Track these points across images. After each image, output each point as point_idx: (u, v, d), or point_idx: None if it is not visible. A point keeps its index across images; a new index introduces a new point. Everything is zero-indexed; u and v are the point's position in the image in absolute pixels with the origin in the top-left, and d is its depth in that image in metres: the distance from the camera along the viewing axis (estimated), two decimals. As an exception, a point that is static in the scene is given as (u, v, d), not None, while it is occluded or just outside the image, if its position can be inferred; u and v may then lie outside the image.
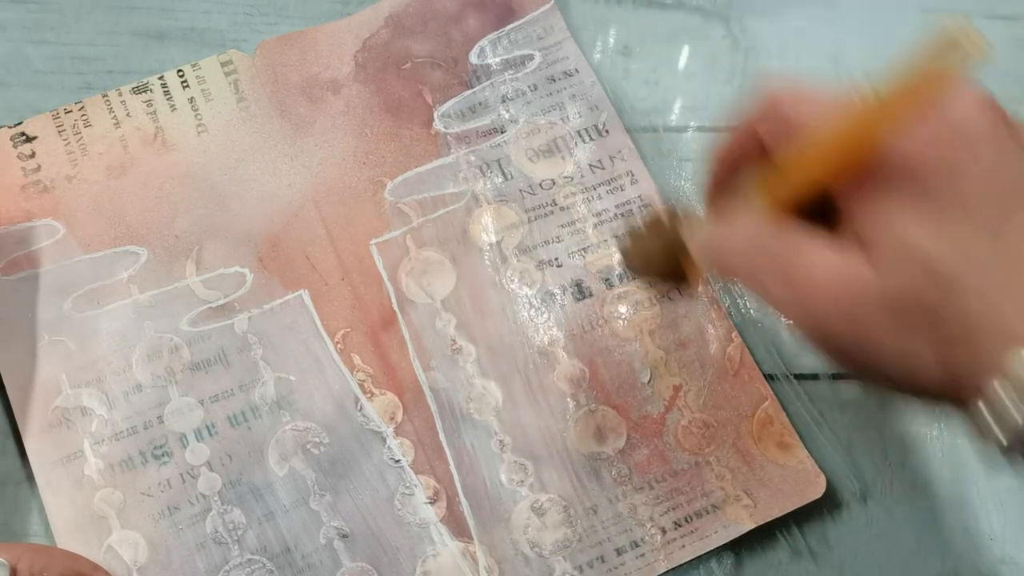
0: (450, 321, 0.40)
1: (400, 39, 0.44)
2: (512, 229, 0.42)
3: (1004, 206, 0.25)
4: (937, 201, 0.26)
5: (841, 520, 0.39)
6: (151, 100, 0.42)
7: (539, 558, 0.38)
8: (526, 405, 0.39)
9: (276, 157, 0.42)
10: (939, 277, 0.25)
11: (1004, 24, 0.49)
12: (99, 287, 0.40)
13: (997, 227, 0.25)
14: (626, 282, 0.41)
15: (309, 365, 0.39)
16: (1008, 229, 0.25)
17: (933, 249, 0.25)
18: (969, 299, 0.25)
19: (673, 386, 0.40)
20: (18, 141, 0.41)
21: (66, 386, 0.38)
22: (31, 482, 0.37)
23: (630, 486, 0.39)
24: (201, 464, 0.38)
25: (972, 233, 0.25)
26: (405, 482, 0.38)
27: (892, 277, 0.25)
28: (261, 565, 0.37)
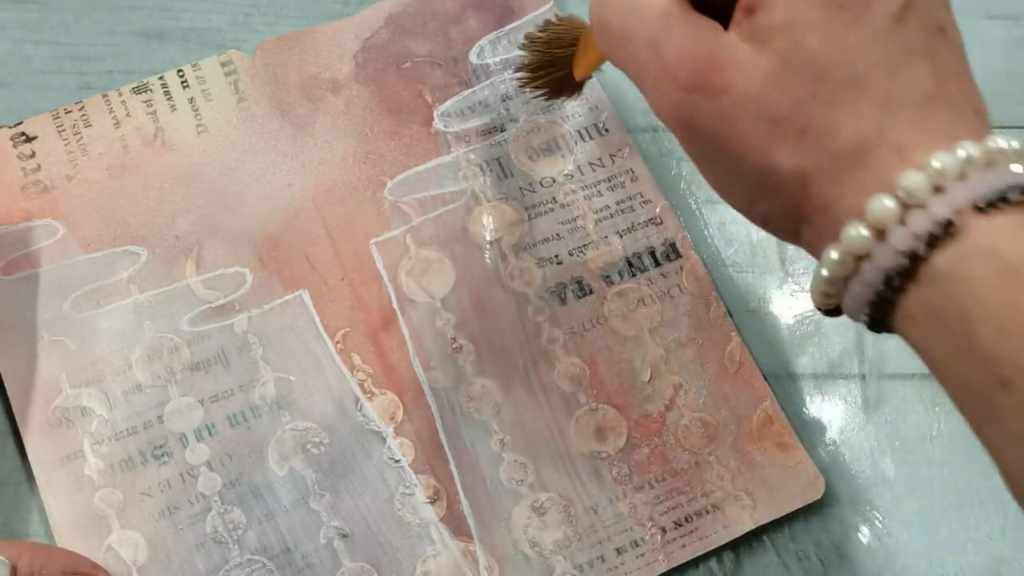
0: (450, 320, 0.40)
1: (400, 39, 0.44)
2: (512, 227, 0.42)
3: (910, 24, 0.24)
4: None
5: (841, 520, 0.39)
6: (151, 100, 0.42)
7: (539, 557, 0.38)
8: (526, 404, 0.39)
9: (276, 157, 0.42)
10: (819, 85, 0.23)
11: (1004, 24, 0.49)
12: (99, 287, 0.40)
13: (891, 46, 0.24)
14: (627, 279, 0.41)
15: (309, 365, 0.39)
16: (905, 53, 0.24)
17: (820, 51, 0.24)
18: (845, 125, 0.23)
19: (673, 385, 0.40)
20: (18, 141, 0.41)
21: (66, 386, 0.38)
22: (31, 482, 0.37)
23: (630, 485, 0.39)
24: (201, 464, 0.38)
25: (863, 44, 0.24)
26: (405, 482, 0.38)
27: (770, 68, 0.24)
28: (261, 565, 0.37)
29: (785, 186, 0.24)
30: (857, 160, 0.23)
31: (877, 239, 0.23)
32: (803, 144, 0.24)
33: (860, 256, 0.23)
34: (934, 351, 0.23)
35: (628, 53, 0.27)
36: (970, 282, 0.21)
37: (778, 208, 0.25)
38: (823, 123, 0.23)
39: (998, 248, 0.21)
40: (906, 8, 0.24)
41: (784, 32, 0.24)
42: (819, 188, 0.24)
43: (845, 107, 0.23)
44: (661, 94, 0.26)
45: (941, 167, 0.22)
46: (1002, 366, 0.21)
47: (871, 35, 0.23)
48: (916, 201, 0.22)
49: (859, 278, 0.23)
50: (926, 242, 0.22)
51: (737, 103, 0.24)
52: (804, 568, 0.39)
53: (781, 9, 0.24)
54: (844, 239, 0.23)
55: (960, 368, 0.22)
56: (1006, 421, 0.21)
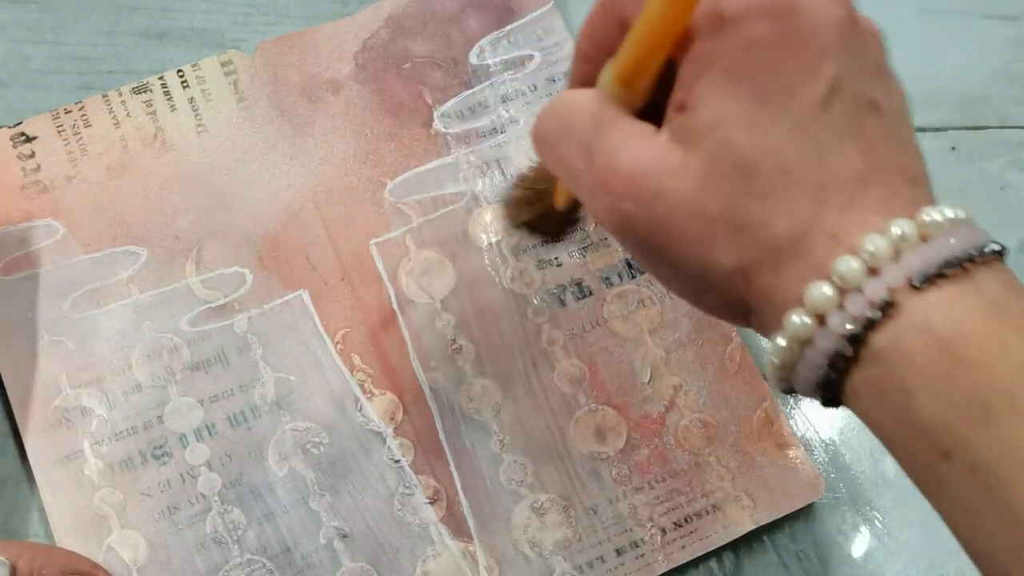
0: (450, 321, 0.40)
1: (400, 39, 0.44)
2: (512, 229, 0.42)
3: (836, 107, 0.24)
4: (759, 82, 0.24)
5: (841, 520, 0.39)
6: (151, 100, 0.42)
7: (539, 558, 0.38)
8: (526, 405, 0.39)
9: (276, 157, 0.42)
10: (749, 182, 0.24)
11: (1004, 24, 0.49)
12: (99, 287, 0.40)
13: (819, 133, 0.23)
14: (627, 281, 0.42)
15: (309, 365, 0.39)
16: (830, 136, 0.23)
17: (748, 147, 0.24)
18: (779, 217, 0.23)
19: (673, 386, 0.40)
20: (18, 141, 0.41)
21: (66, 386, 0.38)
22: (31, 482, 0.37)
23: (630, 486, 0.39)
24: (201, 464, 0.38)
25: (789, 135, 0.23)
26: (405, 482, 0.38)
27: (700, 169, 0.24)
28: (261, 565, 0.37)
29: (727, 281, 0.25)
30: (794, 250, 0.23)
31: (819, 324, 0.23)
32: (740, 240, 0.24)
33: (804, 341, 0.24)
34: (881, 425, 0.23)
35: (562, 159, 0.27)
36: (907, 358, 0.22)
37: (724, 301, 0.26)
38: (758, 218, 0.24)
39: (932, 323, 0.22)
40: (831, 92, 0.24)
41: (711, 132, 0.24)
42: (760, 280, 0.24)
43: (778, 200, 0.24)
44: (596, 201, 0.26)
45: (874, 249, 0.23)
46: (942, 438, 0.22)
47: (797, 125, 0.23)
48: (851, 285, 0.23)
49: (804, 362, 0.24)
50: (863, 324, 0.22)
51: (671, 208, 0.24)
52: (804, 568, 0.39)
53: (707, 110, 0.24)
54: (787, 326, 0.23)
55: (905, 441, 0.23)
56: (950, 490, 0.22)
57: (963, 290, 0.22)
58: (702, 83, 0.24)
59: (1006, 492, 0.21)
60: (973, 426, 0.21)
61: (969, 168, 0.47)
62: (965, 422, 0.21)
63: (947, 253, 0.22)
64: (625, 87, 0.26)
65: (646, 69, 0.26)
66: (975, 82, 0.48)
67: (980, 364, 0.21)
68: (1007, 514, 0.21)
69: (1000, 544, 0.21)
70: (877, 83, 0.25)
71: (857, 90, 0.24)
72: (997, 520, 0.21)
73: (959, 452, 0.21)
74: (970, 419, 0.21)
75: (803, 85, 0.23)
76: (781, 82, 0.23)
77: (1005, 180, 0.46)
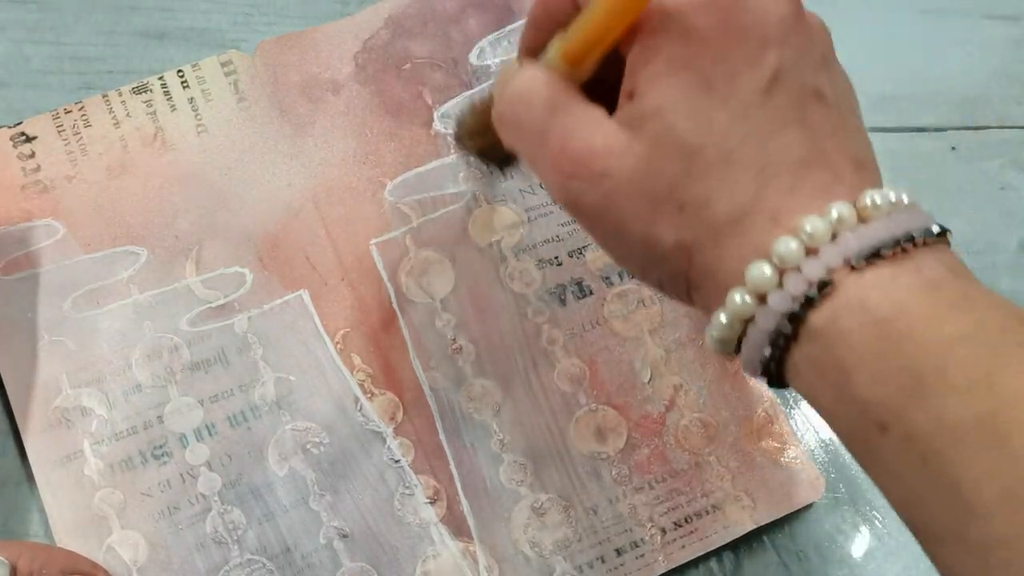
0: (450, 321, 0.40)
1: (400, 40, 0.44)
2: (512, 229, 0.42)
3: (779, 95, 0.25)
4: (701, 70, 0.25)
5: (841, 520, 0.39)
6: (151, 100, 0.42)
7: (539, 558, 0.38)
8: (526, 405, 0.39)
9: (276, 157, 0.42)
10: (691, 164, 0.25)
11: (1004, 24, 0.49)
12: (99, 287, 0.40)
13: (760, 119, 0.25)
14: (627, 280, 0.42)
15: (309, 365, 0.39)
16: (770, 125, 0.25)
17: (689, 132, 0.25)
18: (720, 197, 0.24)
19: (673, 385, 0.40)
20: (18, 141, 0.41)
21: (66, 386, 0.38)
22: (31, 482, 0.37)
23: (630, 486, 0.39)
24: (201, 464, 0.38)
25: (731, 121, 0.25)
26: (405, 482, 0.38)
27: (644, 152, 0.25)
28: (261, 565, 0.37)
29: (670, 257, 0.26)
30: (735, 229, 0.24)
31: (759, 303, 0.24)
32: (682, 218, 0.25)
33: (746, 320, 0.24)
34: (820, 401, 0.24)
35: (520, 141, 0.28)
36: (844, 336, 0.23)
37: (667, 276, 0.27)
38: (699, 197, 0.25)
39: (867, 301, 0.23)
40: (774, 80, 0.25)
41: (655, 117, 0.25)
42: (702, 257, 0.25)
43: (719, 181, 0.25)
44: (550, 179, 0.27)
45: (812, 230, 0.23)
46: (877, 411, 0.22)
47: (740, 111, 0.25)
48: (790, 265, 0.23)
49: (747, 340, 0.25)
50: (802, 303, 0.23)
51: (617, 187, 0.26)
52: (804, 568, 0.39)
53: (652, 96, 0.25)
54: (728, 304, 0.24)
55: (842, 415, 0.24)
56: (886, 462, 0.23)
57: (900, 270, 0.23)
58: (647, 71, 0.25)
59: (939, 462, 0.21)
60: (906, 400, 0.22)
61: (969, 168, 0.47)
62: (899, 396, 0.22)
63: (884, 234, 0.23)
64: (571, 66, 0.27)
65: (592, 53, 0.27)
66: (975, 82, 0.48)
67: (913, 340, 0.22)
68: (939, 484, 0.21)
69: (933, 512, 0.22)
70: (821, 74, 0.26)
71: (801, 80, 0.25)
72: (930, 490, 0.22)
73: (894, 425, 0.22)
74: (903, 393, 0.22)
75: (745, 74, 0.25)
76: (723, 71, 0.25)
77: (1005, 180, 0.46)
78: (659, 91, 0.25)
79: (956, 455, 0.21)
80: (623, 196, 0.26)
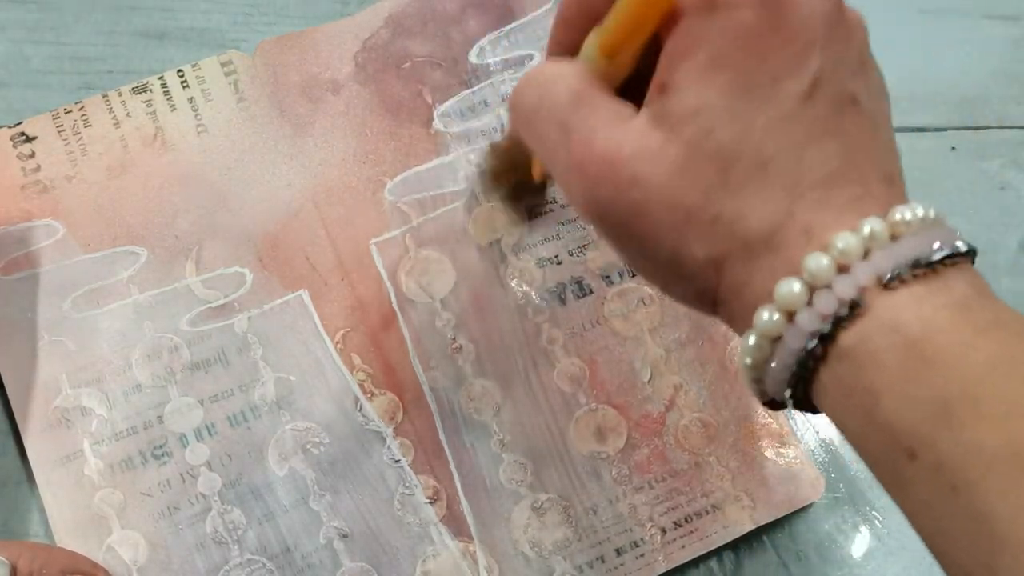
0: (450, 320, 0.40)
1: (400, 39, 0.44)
2: (512, 228, 0.42)
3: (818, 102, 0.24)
4: (745, 71, 0.23)
5: (841, 520, 0.39)
6: (151, 100, 0.42)
7: (539, 558, 0.38)
8: (526, 405, 0.39)
9: (276, 157, 0.42)
10: (728, 174, 0.23)
11: (1004, 24, 0.49)
12: (99, 287, 0.40)
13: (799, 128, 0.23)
14: (627, 279, 0.42)
15: (309, 365, 0.39)
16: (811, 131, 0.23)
17: (729, 138, 0.23)
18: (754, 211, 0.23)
19: (673, 385, 0.40)
20: (18, 141, 0.41)
21: (66, 386, 0.38)
22: (31, 482, 0.37)
23: (630, 486, 0.39)
24: (201, 464, 0.38)
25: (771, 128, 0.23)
26: (405, 482, 0.38)
27: (680, 157, 0.24)
28: (261, 565, 0.37)
29: (699, 272, 0.24)
30: (767, 245, 0.23)
31: (788, 321, 0.23)
32: (714, 232, 0.24)
33: (774, 339, 0.23)
34: (847, 424, 0.23)
35: (538, 133, 0.26)
36: (874, 357, 0.22)
37: (693, 291, 0.25)
38: (733, 211, 0.24)
39: (900, 322, 0.22)
40: (815, 86, 0.23)
41: (693, 120, 0.24)
42: (731, 273, 0.24)
43: (754, 193, 0.23)
44: (570, 182, 0.25)
45: (844, 247, 0.23)
46: (907, 438, 0.22)
47: (779, 118, 0.23)
48: (821, 282, 0.23)
49: (775, 360, 0.24)
50: (832, 322, 0.22)
51: (648, 195, 0.24)
52: (804, 568, 0.39)
53: (690, 95, 0.24)
54: (757, 323, 0.23)
55: (870, 440, 0.23)
56: (914, 490, 0.22)
57: (931, 290, 0.22)
58: (686, 66, 0.24)
59: (968, 493, 0.21)
60: (937, 427, 0.21)
61: (969, 168, 0.47)
62: (929, 423, 0.21)
63: (917, 253, 0.22)
64: (609, 58, 0.25)
65: (632, 41, 0.25)
66: (975, 82, 0.48)
67: (945, 365, 0.21)
68: (969, 515, 0.21)
69: (962, 544, 0.21)
70: (859, 78, 0.25)
71: (839, 85, 0.24)
72: (959, 520, 0.21)
73: (923, 452, 0.21)
74: (934, 420, 0.21)
75: (788, 78, 0.23)
76: (766, 73, 0.23)
77: (1005, 180, 0.46)
78: (698, 89, 0.23)
79: (987, 485, 0.20)
80: (653, 206, 0.24)
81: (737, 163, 0.23)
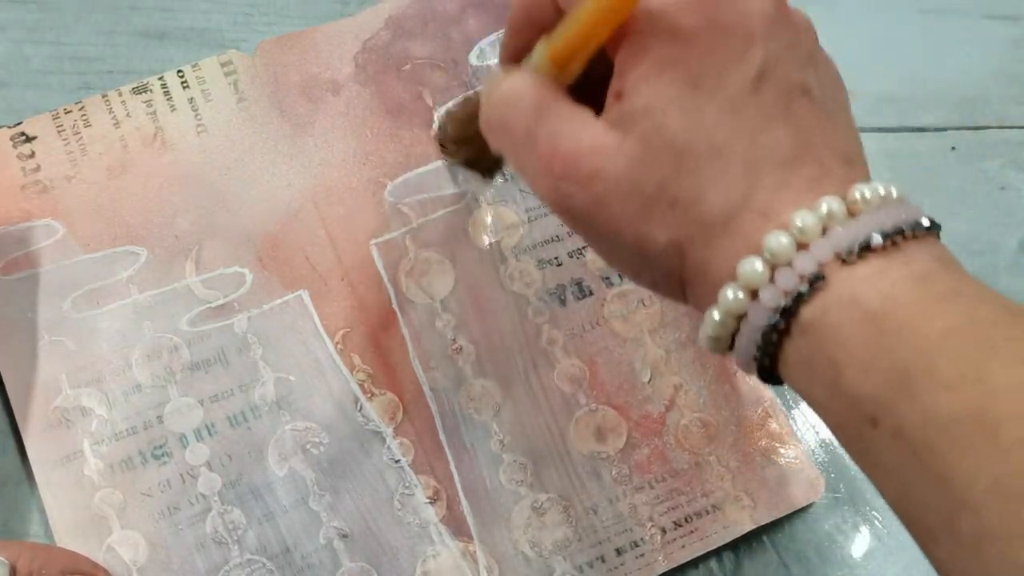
0: (450, 321, 0.40)
1: (400, 40, 0.44)
2: (512, 229, 0.42)
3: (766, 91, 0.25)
4: (689, 69, 0.25)
5: (841, 520, 0.39)
6: (151, 100, 0.42)
7: (539, 558, 0.38)
8: (526, 405, 0.39)
9: (276, 157, 0.42)
10: (681, 161, 0.25)
11: (1004, 24, 0.49)
12: (99, 287, 0.40)
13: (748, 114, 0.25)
14: (627, 281, 0.42)
15: (309, 365, 0.39)
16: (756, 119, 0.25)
17: (679, 129, 0.25)
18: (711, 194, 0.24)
19: (673, 385, 0.40)
20: (18, 141, 0.41)
21: (66, 386, 0.38)
22: (31, 482, 0.37)
23: (630, 486, 0.39)
24: (201, 464, 0.38)
25: (720, 117, 0.25)
26: (405, 482, 0.38)
27: (635, 151, 0.25)
28: (261, 565, 0.37)
29: (663, 256, 0.26)
30: (726, 227, 0.24)
31: (752, 299, 0.24)
32: (673, 216, 0.25)
33: (738, 316, 0.24)
34: (812, 394, 0.24)
35: (508, 144, 0.28)
36: (834, 330, 0.23)
37: (661, 276, 0.27)
38: (690, 195, 0.25)
39: (858, 295, 0.23)
40: (760, 77, 0.25)
41: (645, 117, 0.25)
42: (694, 255, 0.25)
43: (709, 178, 0.25)
44: (539, 183, 0.27)
45: (802, 225, 0.23)
46: (868, 406, 0.22)
47: (728, 107, 0.25)
48: (782, 260, 0.24)
49: (740, 336, 0.25)
50: (794, 298, 0.23)
51: (608, 187, 0.25)
52: (804, 568, 0.39)
53: (641, 95, 0.25)
54: (721, 301, 0.24)
55: (834, 409, 0.24)
56: (876, 455, 0.23)
57: (891, 264, 0.23)
58: (636, 73, 0.25)
59: (929, 456, 0.21)
60: (896, 395, 0.22)
61: (969, 168, 0.47)
62: (889, 390, 0.22)
63: (874, 228, 0.23)
64: (558, 69, 0.27)
65: (580, 55, 0.27)
66: (975, 82, 0.48)
67: (903, 333, 0.22)
68: (930, 477, 0.21)
69: (925, 507, 0.22)
70: (808, 69, 0.26)
71: (787, 75, 0.25)
72: (922, 484, 0.22)
73: (884, 419, 0.22)
74: (893, 388, 0.22)
75: (732, 69, 0.25)
76: (711, 67, 0.25)
77: (1005, 180, 0.46)
78: (648, 90, 0.25)
79: (946, 448, 0.21)
80: (614, 196, 0.25)
81: (690, 151, 0.25)
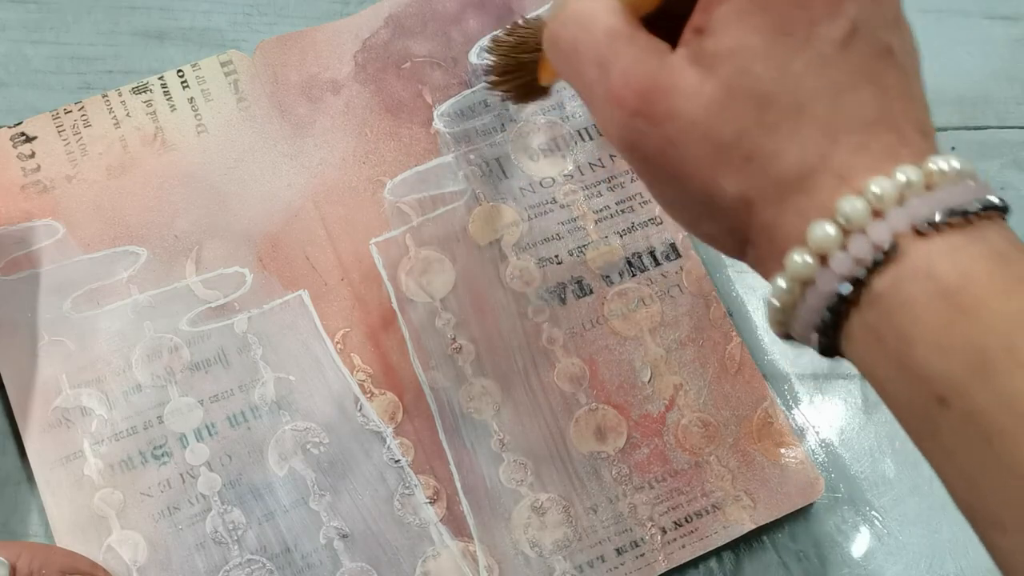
0: (450, 320, 0.40)
1: (400, 39, 0.44)
2: (512, 227, 0.42)
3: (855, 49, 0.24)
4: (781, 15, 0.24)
5: (841, 520, 0.39)
6: (151, 100, 0.42)
7: (539, 558, 0.38)
8: (526, 404, 0.39)
9: (276, 157, 0.42)
10: (764, 113, 0.24)
11: (1004, 24, 0.49)
12: (99, 287, 0.40)
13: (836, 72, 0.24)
14: (627, 279, 0.41)
15: (309, 365, 0.39)
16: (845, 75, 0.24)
17: (766, 78, 0.24)
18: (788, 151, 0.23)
19: (673, 385, 0.40)
20: (18, 141, 0.41)
21: (66, 386, 0.38)
22: (31, 482, 0.37)
23: (630, 486, 0.39)
24: (201, 464, 0.38)
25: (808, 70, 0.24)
26: (405, 482, 0.38)
27: (716, 94, 0.24)
28: (261, 565, 0.37)
29: (729, 209, 0.25)
30: (800, 186, 0.24)
31: (821, 264, 0.23)
32: (747, 170, 0.24)
33: (805, 282, 0.23)
34: (876, 371, 0.23)
35: (575, 70, 0.27)
36: (908, 304, 0.22)
37: (723, 229, 0.26)
38: (767, 150, 0.24)
39: (934, 270, 0.22)
40: (851, 34, 0.24)
41: (730, 59, 0.24)
42: (763, 213, 0.24)
43: (789, 134, 0.24)
44: (607, 116, 0.26)
45: (880, 192, 0.23)
46: (938, 385, 0.22)
47: (816, 61, 0.24)
48: (856, 226, 0.23)
49: (805, 303, 0.24)
50: (866, 267, 0.22)
51: (682, 129, 0.24)
52: (804, 568, 0.39)
53: (728, 36, 0.24)
54: (788, 266, 0.23)
55: (900, 387, 0.23)
56: (943, 438, 0.22)
57: (967, 239, 0.22)
58: (724, 9, 0.24)
59: (1002, 442, 0.21)
60: (971, 376, 0.21)
61: (969, 168, 0.47)
62: (963, 370, 0.21)
63: (952, 201, 0.22)
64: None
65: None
66: (975, 82, 0.48)
67: (981, 313, 0.21)
68: (1002, 464, 0.21)
69: (994, 496, 0.21)
70: (894, 31, 0.25)
71: (875, 35, 0.24)
72: (992, 471, 0.21)
73: (955, 400, 0.21)
74: (968, 367, 0.21)
75: (825, 23, 0.24)
76: (803, 18, 0.24)
77: (1005, 180, 0.46)
78: (736, 31, 0.24)
79: (1022, 434, 0.20)
80: (688, 140, 0.24)
81: (773, 103, 0.24)
